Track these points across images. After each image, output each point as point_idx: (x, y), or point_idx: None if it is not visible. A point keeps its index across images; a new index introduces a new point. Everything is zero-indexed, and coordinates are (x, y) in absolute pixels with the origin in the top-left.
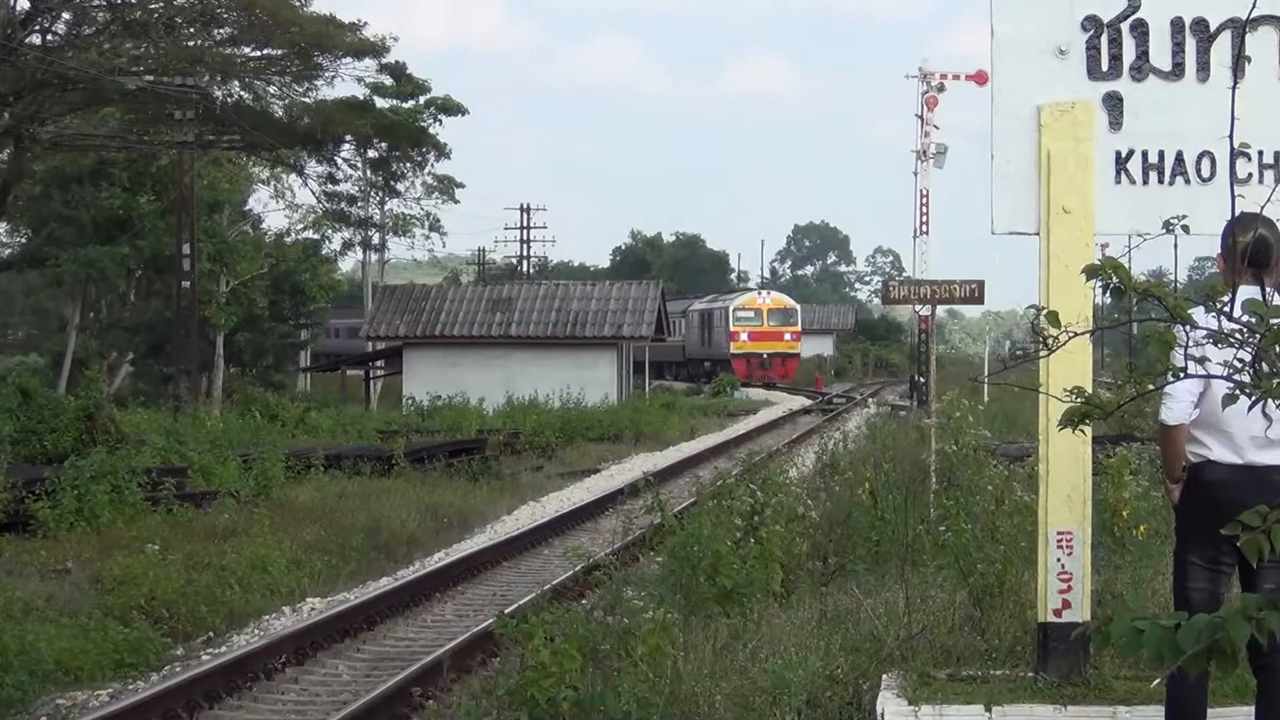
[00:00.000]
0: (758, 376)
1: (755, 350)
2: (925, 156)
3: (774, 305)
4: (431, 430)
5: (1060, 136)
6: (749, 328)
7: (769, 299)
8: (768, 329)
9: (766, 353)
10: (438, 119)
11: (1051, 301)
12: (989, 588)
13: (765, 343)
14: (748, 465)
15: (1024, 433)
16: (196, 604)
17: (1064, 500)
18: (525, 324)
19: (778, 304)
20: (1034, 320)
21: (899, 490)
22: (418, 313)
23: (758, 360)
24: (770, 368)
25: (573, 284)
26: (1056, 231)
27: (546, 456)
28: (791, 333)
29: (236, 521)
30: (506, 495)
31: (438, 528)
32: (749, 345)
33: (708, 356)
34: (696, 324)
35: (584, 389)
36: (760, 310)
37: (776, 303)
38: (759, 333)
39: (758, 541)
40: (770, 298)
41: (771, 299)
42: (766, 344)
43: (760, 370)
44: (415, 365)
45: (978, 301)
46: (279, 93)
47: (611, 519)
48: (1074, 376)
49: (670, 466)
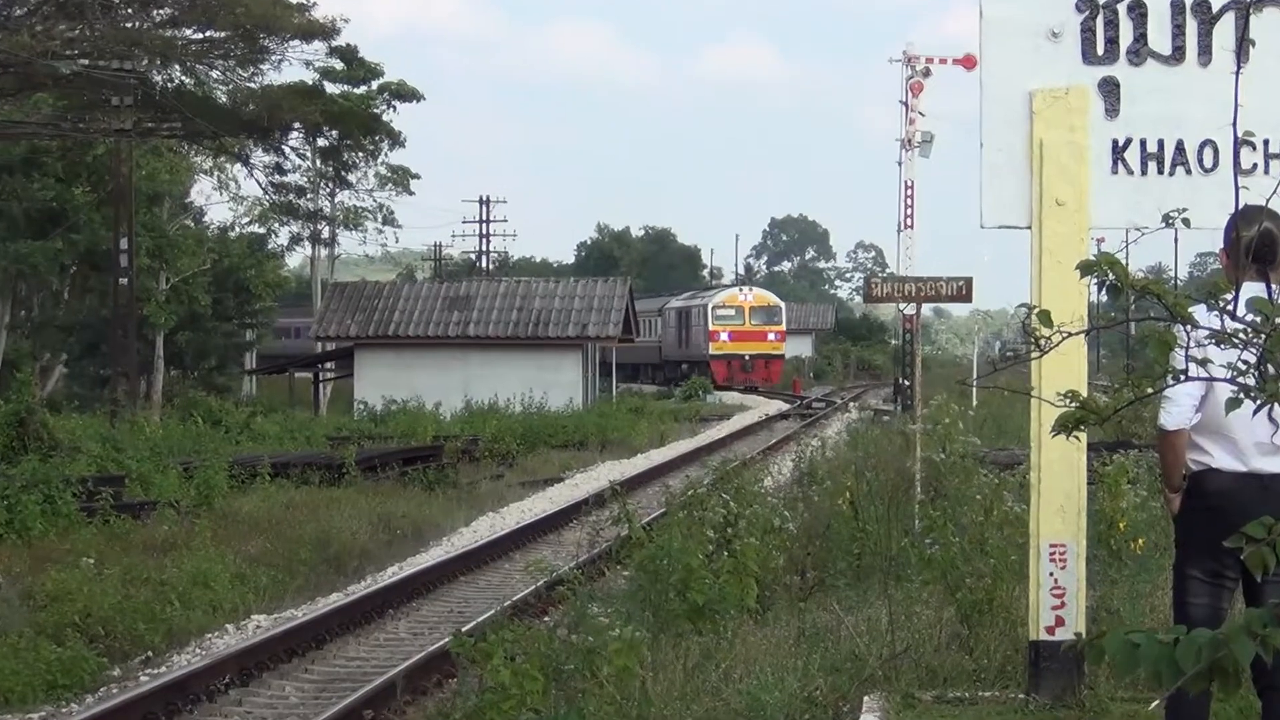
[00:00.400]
0: (739, 380)
1: (736, 351)
2: (910, 145)
3: (757, 303)
4: (384, 436)
5: (1053, 124)
6: (729, 327)
7: (751, 296)
8: (750, 328)
9: (748, 354)
10: (391, 105)
11: (1044, 299)
12: (977, 604)
13: (747, 343)
14: (721, 474)
15: (1015, 439)
16: (134, 621)
17: (1057, 511)
18: (484, 324)
19: (761, 301)
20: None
21: (882, 500)
22: (370, 311)
23: (739, 362)
24: (752, 370)
25: (535, 281)
26: (1049, 225)
27: (507, 465)
28: (775, 332)
29: (177, 534)
30: (464, 506)
31: (391, 540)
32: (729, 346)
33: (685, 358)
34: (673, 323)
35: (547, 393)
36: (742, 308)
37: (759, 300)
38: (740, 332)
39: (731, 555)
40: (752, 294)
41: (754, 296)
42: (748, 345)
43: (742, 373)
44: (367, 367)
45: (965, 300)
46: (222, 77)
47: (576, 531)
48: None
49: (639, 475)
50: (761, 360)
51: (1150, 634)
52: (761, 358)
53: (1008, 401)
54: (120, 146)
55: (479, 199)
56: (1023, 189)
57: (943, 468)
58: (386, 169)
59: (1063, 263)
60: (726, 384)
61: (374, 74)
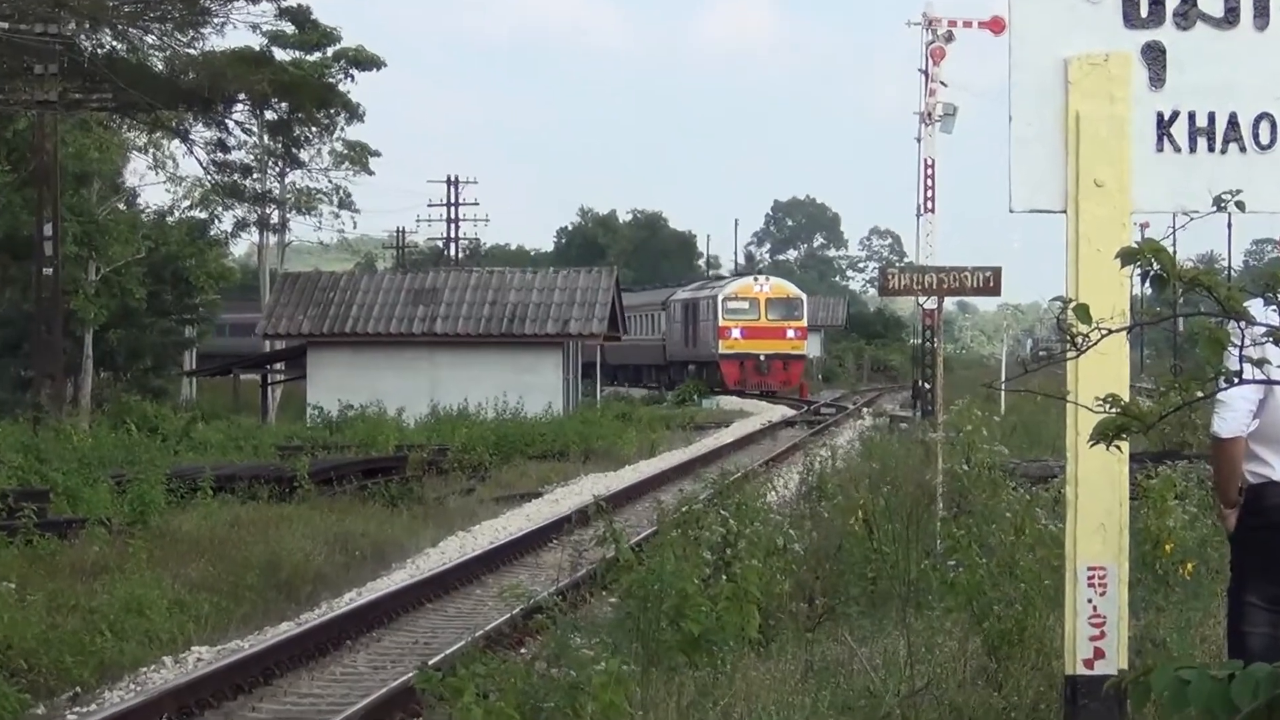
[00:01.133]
0: (753, 383)
1: (750, 350)
2: (930, 119)
3: (774, 294)
4: (341, 446)
5: (1091, 95)
6: (742, 322)
7: (768, 286)
8: (766, 324)
9: (764, 354)
10: (349, 74)
11: (1081, 292)
12: (1007, 634)
13: (762, 341)
14: (719, 488)
15: (1048, 449)
16: (61, 653)
17: (1096, 530)
18: (453, 319)
19: (779, 293)
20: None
21: (899, 518)
22: (324, 305)
23: (753, 363)
24: (768, 372)
25: (510, 271)
26: (1087, 208)
27: (478, 478)
28: (795, 329)
29: (108, 555)
30: (431, 524)
31: (348, 562)
32: (742, 344)
33: (692, 358)
34: (679, 318)
35: (523, 397)
36: (757, 300)
37: (777, 291)
38: (755, 328)
39: (730, 579)
40: (769, 285)
41: (771, 286)
42: (764, 343)
43: (756, 375)
44: (322, 368)
45: (993, 293)
46: (159, 43)
47: (556, 552)
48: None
49: (626, 489)
50: (779, 361)
51: (1202, 669)
52: (779, 358)
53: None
54: (44, 120)
55: (447, 179)
56: (1057, 168)
57: (967, 481)
58: (343, 146)
59: (1102, 251)
60: (739, 388)
61: (329, 39)
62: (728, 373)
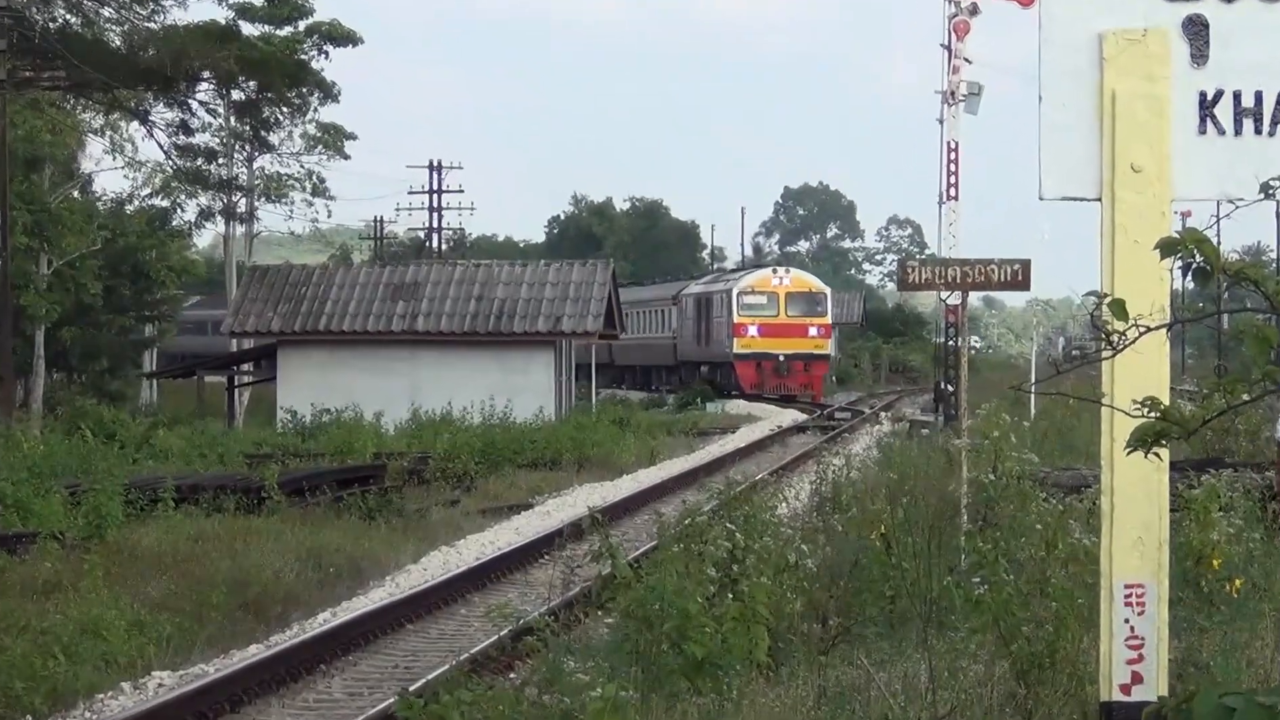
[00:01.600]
0: (771, 386)
1: (768, 350)
2: (954, 99)
3: (794, 288)
4: (314, 454)
5: (1128, 73)
6: (759, 319)
7: (787, 279)
8: (786, 320)
9: (784, 354)
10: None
11: (1117, 287)
12: (1037, 657)
13: (782, 340)
14: (724, 499)
15: (1082, 456)
16: (10, 678)
17: (1133, 544)
18: (436, 316)
19: (800, 286)
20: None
21: (920, 531)
22: (296, 301)
23: (771, 364)
24: (788, 374)
25: (498, 265)
26: (1123, 196)
27: (463, 488)
28: (819, 326)
29: (62, 572)
30: (412, 538)
31: (322, 580)
32: (759, 343)
33: (706, 358)
34: (692, 314)
35: (512, 400)
36: (775, 295)
37: (798, 284)
38: (773, 326)
39: (737, 597)
40: (789, 277)
41: (791, 279)
42: (784, 342)
43: (775, 377)
44: (293, 369)
45: (1022, 287)
46: (116, 17)
47: (548, 569)
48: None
49: (624, 501)
50: (800, 362)
51: (1249, 695)
52: (800, 359)
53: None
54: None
55: (429, 164)
56: (1091, 153)
57: (994, 491)
58: (316, 128)
59: (1140, 242)
60: (756, 391)
61: (301, 12)
62: (743, 375)
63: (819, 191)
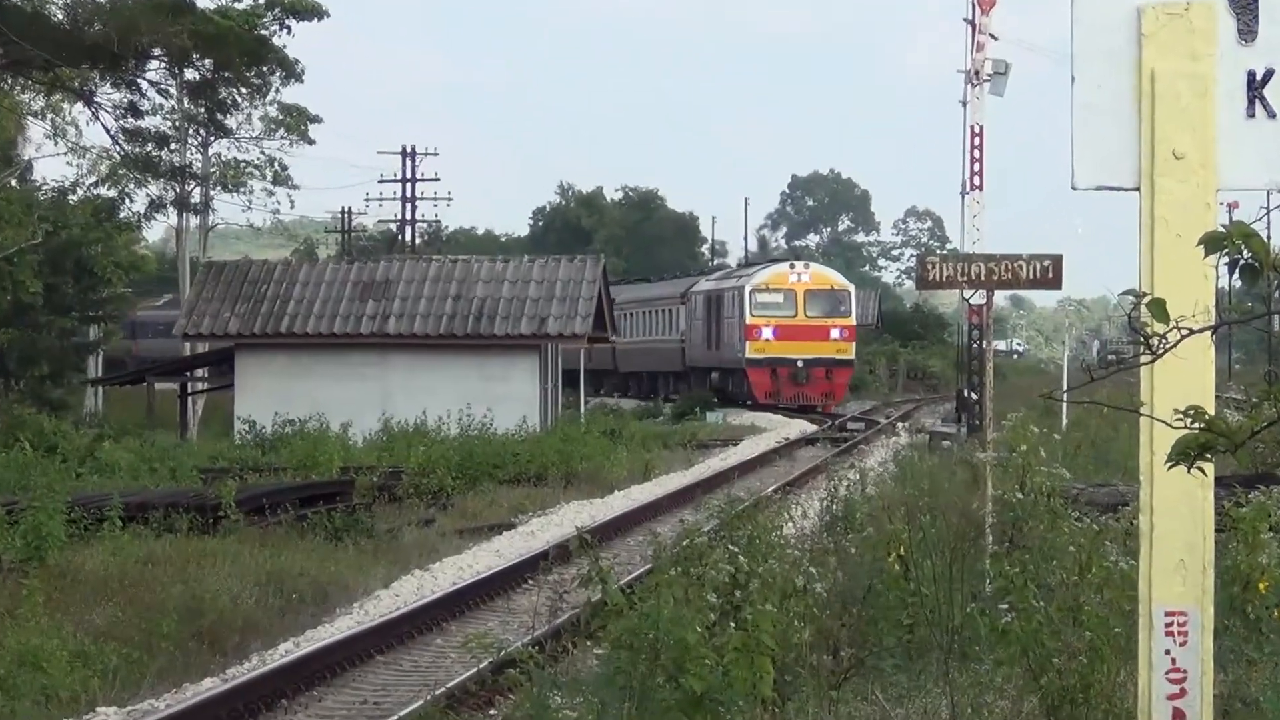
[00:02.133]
0: (787, 395)
1: (784, 355)
2: (978, 79)
3: (814, 285)
4: (276, 468)
5: (1169, 51)
6: (775, 319)
7: (806, 275)
8: (805, 322)
9: (802, 359)
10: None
11: (1157, 285)
12: (1069, 691)
13: (800, 343)
14: (726, 518)
15: (1119, 472)
16: None
17: (1175, 568)
18: (409, 317)
19: (820, 283)
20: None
21: (941, 553)
22: (256, 301)
23: (788, 370)
24: (807, 382)
25: (477, 260)
26: (1164, 185)
27: (439, 506)
28: (842, 327)
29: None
30: (382, 561)
31: (284, 606)
32: (775, 347)
33: (716, 364)
34: (701, 314)
35: (493, 409)
36: (793, 292)
37: (819, 280)
38: (791, 327)
39: (740, 626)
40: (809, 273)
41: (811, 275)
42: (802, 345)
43: (792, 385)
44: (252, 376)
45: (1053, 285)
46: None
47: (532, 595)
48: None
49: (615, 520)
50: (821, 369)
51: None
52: (821, 364)
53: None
54: None
55: (401, 150)
56: (1128, 138)
57: (1022, 510)
58: (278, 110)
59: (1182, 236)
60: (770, 401)
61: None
62: (756, 383)
63: (830, 180)
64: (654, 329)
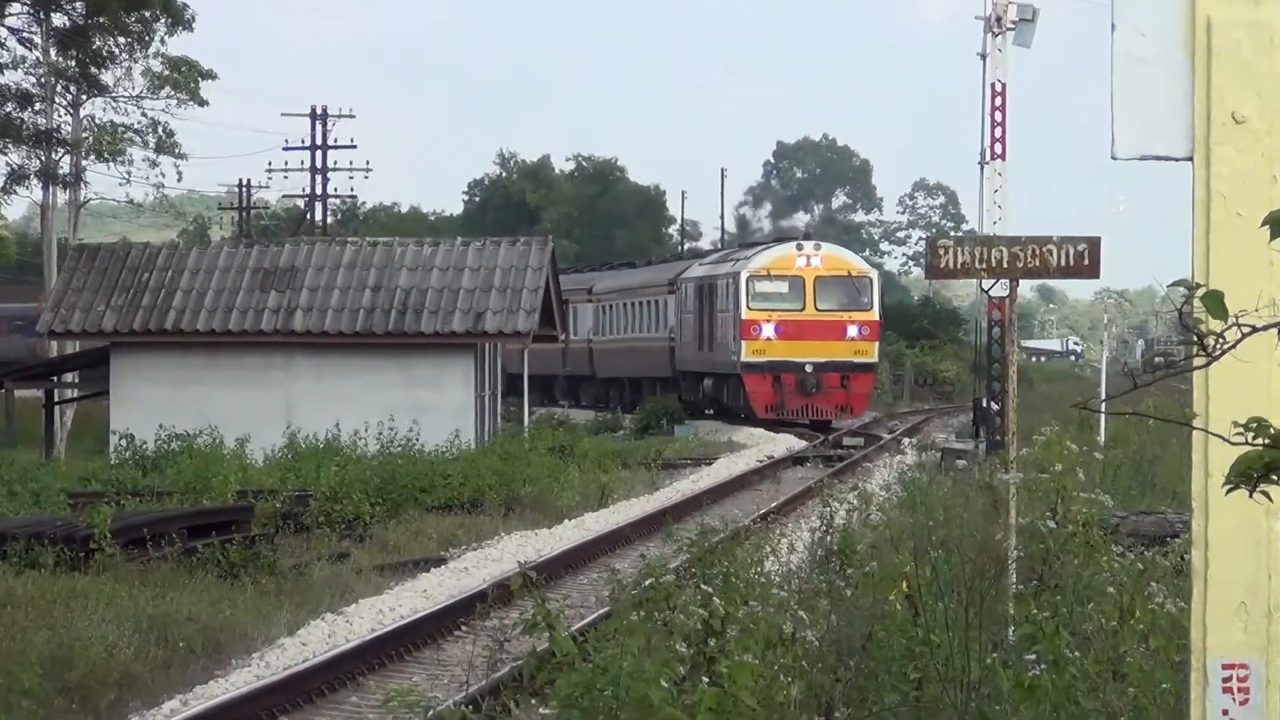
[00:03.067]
0: (793, 408)
1: (789, 358)
2: (999, 27)
3: (828, 270)
4: (159, 492)
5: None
6: (778, 313)
7: (817, 257)
8: (815, 317)
9: (811, 363)
10: None
11: (1213, 274)
12: None
13: (810, 343)
14: (698, 552)
15: (1167, 497)
16: None
17: (1234, 612)
18: (318, 311)
19: (835, 267)
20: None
21: (955, 594)
22: (136, 291)
23: (794, 377)
24: (818, 391)
25: (400, 244)
26: (1222, 155)
27: (355, 537)
28: (862, 324)
29: None
30: (287, 603)
31: (169, 658)
32: (778, 348)
33: (709, 368)
34: (692, 306)
35: (419, 422)
36: (800, 279)
37: (832, 264)
38: (797, 324)
39: (714, 681)
40: (820, 255)
41: (823, 257)
42: (812, 346)
43: (800, 396)
44: (131, 381)
45: (1089, 274)
46: None
47: (466, 643)
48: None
49: (566, 554)
50: (835, 375)
51: None
52: (836, 369)
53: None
54: None
55: (311, 112)
56: (1179, 99)
57: (1053, 543)
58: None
59: (1243, 215)
60: (773, 415)
61: None
62: (754, 392)
63: (823, 148)
64: (638, 325)
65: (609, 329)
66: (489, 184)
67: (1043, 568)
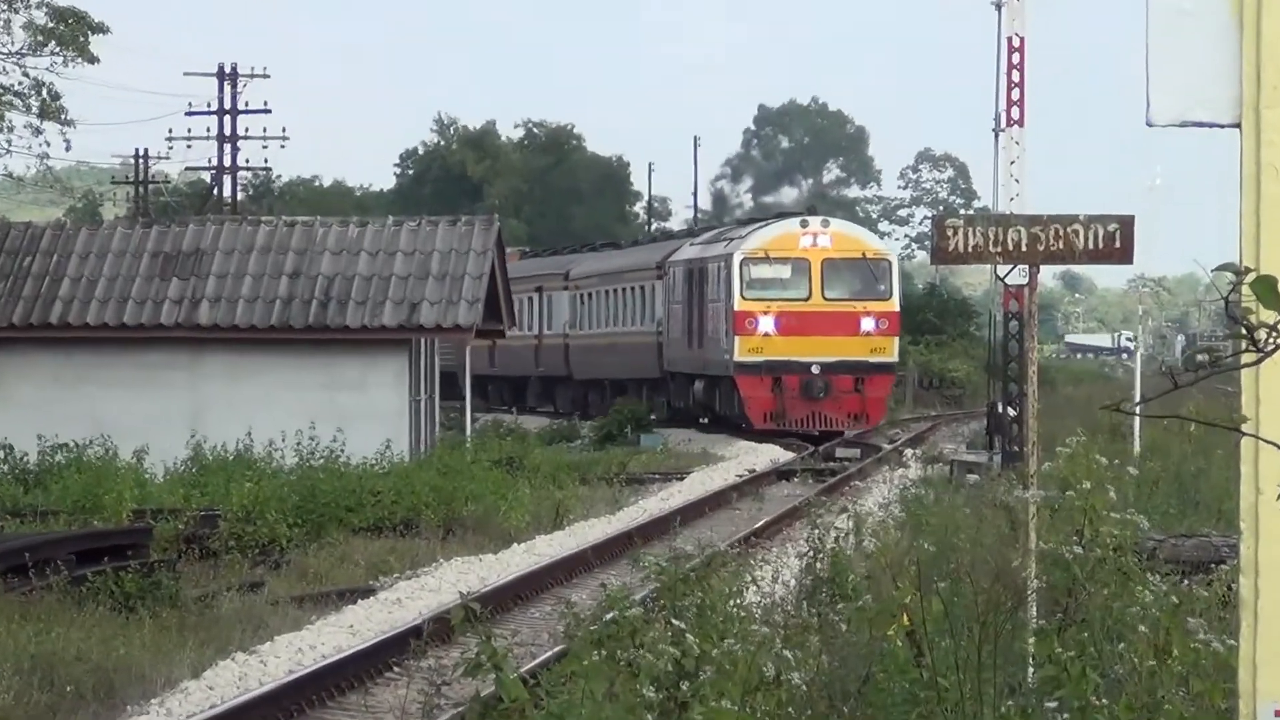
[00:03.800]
0: (797, 416)
1: (791, 357)
2: None
3: (838, 250)
4: (43, 511)
5: None
6: (778, 303)
7: (825, 236)
8: (823, 307)
9: (818, 363)
10: None
11: (1264, 257)
12: None
13: (817, 339)
14: (667, 580)
15: (1212, 516)
16: None
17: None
18: (228, 302)
19: (847, 247)
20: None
21: (966, 630)
22: (16, 279)
23: (798, 379)
24: (826, 395)
25: (323, 223)
26: (1273, 121)
27: (270, 564)
28: (879, 316)
29: None
30: (191, 640)
31: (55, 703)
32: (777, 345)
33: (699, 369)
34: (681, 294)
35: (344, 430)
36: (805, 262)
37: (843, 244)
38: (802, 315)
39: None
40: (828, 234)
41: (832, 236)
42: (819, 343)
43: (805, 402)
44: (10, 382)
45: (1121, 260)
46: None
47: (399, 687)
48: None
49: (515, 583)
50: (848, 378)
51: None
52: (849, 370)
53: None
54: None
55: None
56: (1225, 60)
57: (1079, 571)
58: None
59: None
60: (773, 425)
61: None
62: (750, 397)
63: (812, 114)
64: (621, 316)
65: (588, 322)
66: (425, 154)
67: (1067, 600)
